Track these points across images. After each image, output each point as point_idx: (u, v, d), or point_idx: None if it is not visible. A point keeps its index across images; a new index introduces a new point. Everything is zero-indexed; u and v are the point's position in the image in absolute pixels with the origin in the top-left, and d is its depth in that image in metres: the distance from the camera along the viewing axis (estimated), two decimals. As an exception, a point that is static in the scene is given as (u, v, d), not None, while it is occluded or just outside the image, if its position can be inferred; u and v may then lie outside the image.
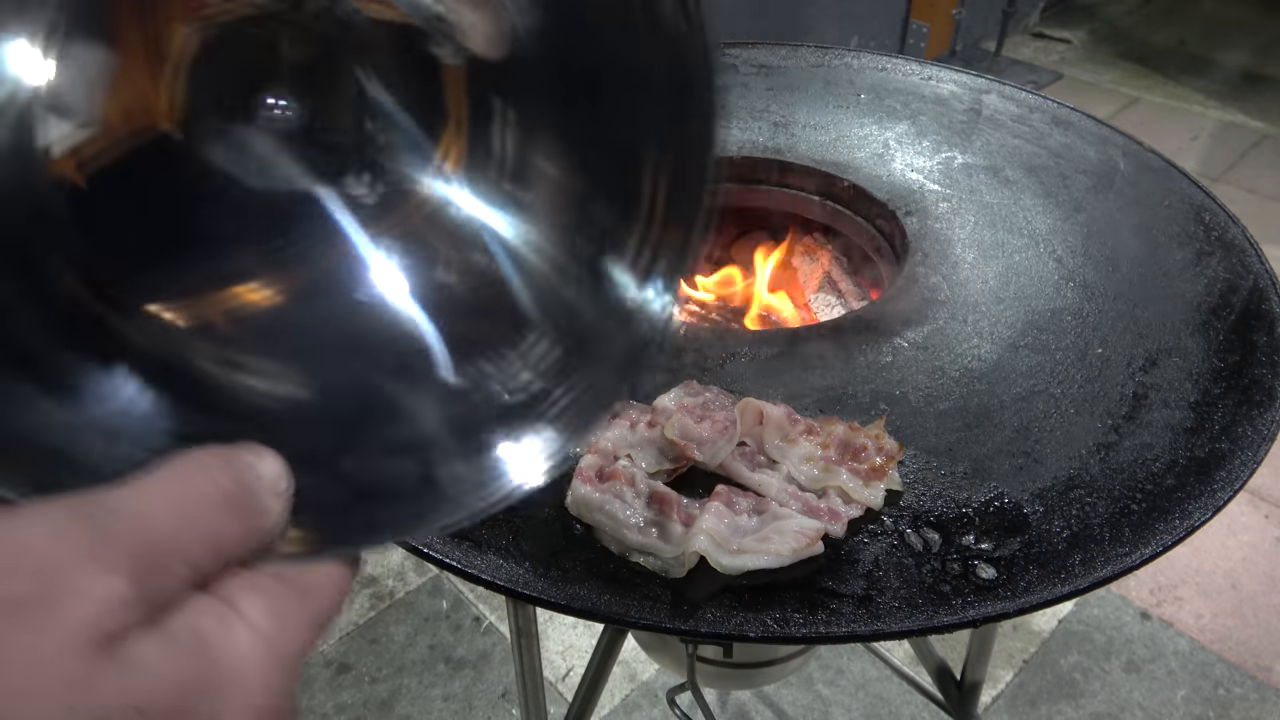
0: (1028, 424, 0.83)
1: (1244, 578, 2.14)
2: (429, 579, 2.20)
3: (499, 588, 0.69)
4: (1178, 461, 0.79)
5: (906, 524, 0.74)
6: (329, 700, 1.94)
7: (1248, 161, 3.83)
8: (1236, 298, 0.97)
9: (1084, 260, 1.05)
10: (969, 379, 0.89)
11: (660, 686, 1.95)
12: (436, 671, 2.00)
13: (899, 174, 1.23)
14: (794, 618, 0.66)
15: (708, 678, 1.22)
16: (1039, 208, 1.14)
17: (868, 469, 0.78)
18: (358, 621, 2.10)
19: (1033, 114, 1.34)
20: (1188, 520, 0.73)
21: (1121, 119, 4.15)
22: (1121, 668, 1.96)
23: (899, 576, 0.69)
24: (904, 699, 1.91)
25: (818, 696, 1.92)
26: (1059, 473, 0.78)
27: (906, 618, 0.66)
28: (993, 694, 1.92)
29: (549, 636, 2.06)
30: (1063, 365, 0.90)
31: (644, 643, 1.35)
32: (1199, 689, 1.91)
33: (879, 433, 0.81)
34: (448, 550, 0.72)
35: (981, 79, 1.43)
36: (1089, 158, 1.23)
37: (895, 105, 1.38)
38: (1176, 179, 1.18)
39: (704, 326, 1.04)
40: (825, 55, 1.52)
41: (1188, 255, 1.05)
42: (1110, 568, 0.69)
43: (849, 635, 0.66)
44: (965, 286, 1.02)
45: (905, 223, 1.13)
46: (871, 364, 0.91)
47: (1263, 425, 0.81)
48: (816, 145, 1.30)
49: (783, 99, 1.41)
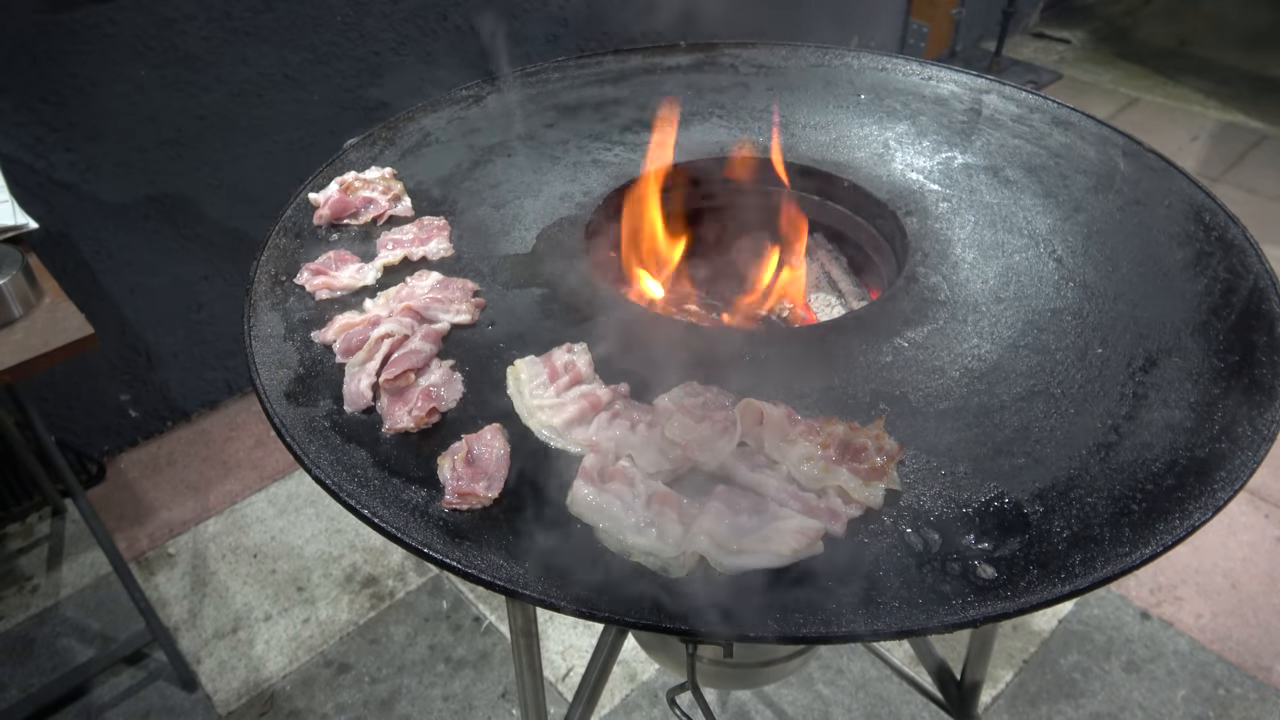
0: (1028, 424, 0.83)
1: (1244, 578, 2.14)
2: (429, 579, 2.20)
3: (499, 588, 0.69)
4: (1178, 461, 0.79)
5: (906, 524, 0.74)
6: (329, 700, 1.94)
7: (1248, 161, 3.83)
8: (1236, 298, 0.97)
9: (1084, 260, 1.05)
10: (969, 379, 0.89)
11: (660, 686, 1.95)
12: (436, 671, 2.00)
13: (899, 174, 1.23)
14: (794, 618, 0.66)
15: (708, 678, 1.22)
16: (1039, 208, 1.14)
17: (868, 469, 0.78)
18: (358, 621, 2.10)
19: (1033, 114, 1.34)
20: (1188, 520, 0.73)
21: (1121, 119, 4.15)
22: (1121, 668, 1.96)
23: (899, 576, 0.69)
24: (904, 699, 1.91)
25: (818, 696, 1.92)
26: (1059, 473, 0.78)
27: (906, 618, 0.66)
28: (993, 694, 1.92)
29: (549, 636, 2.06)
30: (1063, 365, 0.90)
31: (644, 643, 1.35)
32: (1199, 689, 1.91)
33: (879, 433, 0.81)
34: (448, 550, 0.72)
35: (981, 79, 1.43)
36: (1089, 158, 1.23)
37: (895, 105, 1.38)
38: (1176, 179, 1.18)
39: (704, 326, 1.04)
40: (825, 55, 1.52)
41: (1188, 255, 1.05)
42: (1110, 568, 0.69)
43: (849, 635, 0.66)
44: (965, 286, 1.02)
45: (905, 223, 1.13)
46: (871, 364, 0.91)
47: (1263, 425, 0.81)
48: (816, 145, 1.30)
49: (783, 99, 1.41)
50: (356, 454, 0.82)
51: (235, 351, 2.62)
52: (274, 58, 2.28)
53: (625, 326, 0.96)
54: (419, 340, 0.93)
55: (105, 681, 1.98)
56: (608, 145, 1.30)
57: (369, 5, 2.38)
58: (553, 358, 0.90)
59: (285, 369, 0.92)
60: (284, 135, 2.40)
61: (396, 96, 2.55)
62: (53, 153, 2.05)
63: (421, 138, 1.33)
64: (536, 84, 1.47)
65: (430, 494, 0.78)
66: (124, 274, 2.30)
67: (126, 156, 2.17)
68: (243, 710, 1.93)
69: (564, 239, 1.11)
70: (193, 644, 2.06)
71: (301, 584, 2.19)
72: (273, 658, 2.03)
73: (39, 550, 2.29)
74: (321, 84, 2.40)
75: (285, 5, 2.23)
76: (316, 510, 2.38)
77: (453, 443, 0.82)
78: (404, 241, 1.11)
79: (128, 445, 2.56)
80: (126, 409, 2.50)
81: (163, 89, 2.14)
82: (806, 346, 0.94)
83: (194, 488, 2.46)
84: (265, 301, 1.02)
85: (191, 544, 2.30)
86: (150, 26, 2.06)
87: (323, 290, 1.03)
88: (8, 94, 1.94)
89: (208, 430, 2.63)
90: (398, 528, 0.74)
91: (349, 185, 1.18)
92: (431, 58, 2.58)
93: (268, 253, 1.10)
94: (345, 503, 0.77)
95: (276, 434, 0.84)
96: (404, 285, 1.03)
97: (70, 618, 2.11)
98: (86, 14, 1.97)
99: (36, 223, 1.67)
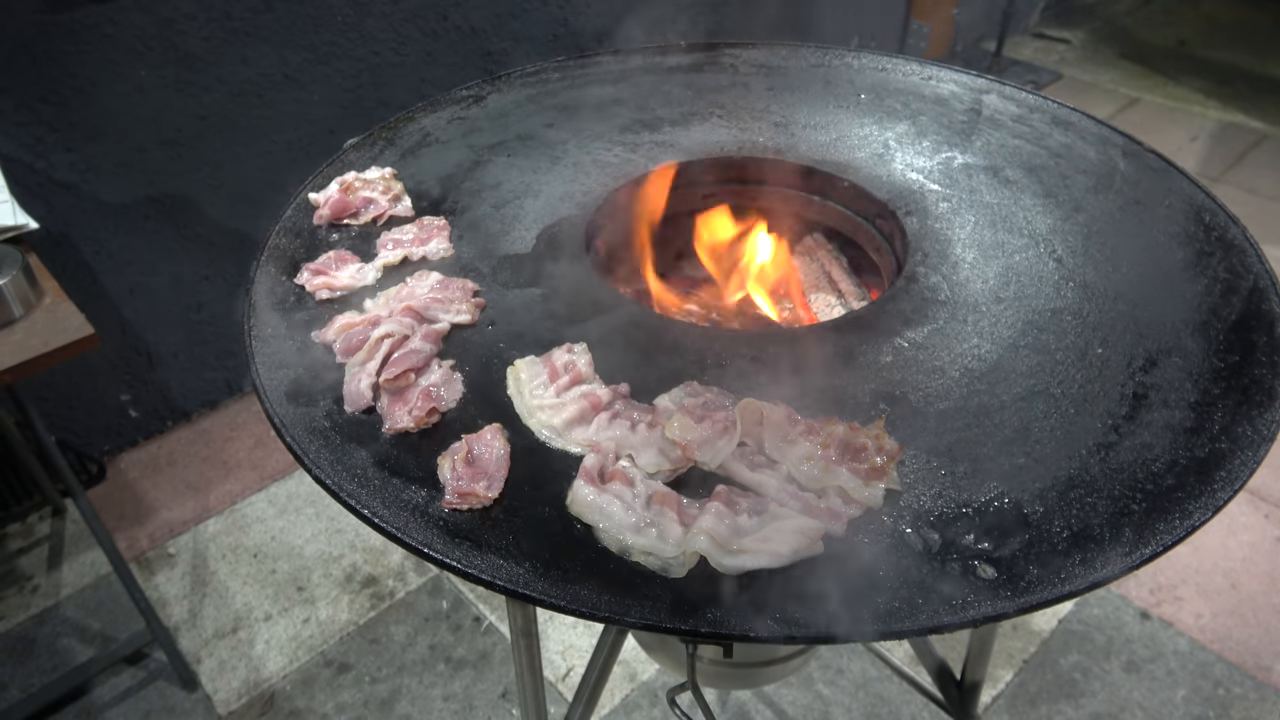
0: (1028, 424, 0.83)
1: (1244, 578, 2.13)
2: (429, 579, 2.20)
3: (499, 588, 0.69)
4: (1178, 461, 0.79)
5: (906, 524, 0.74)
6: (329, 700, 1.94)
7: (1248, 161, 3.83)
8: (1236, 298, 0.97)
9: (1084, 260, 1.05)
10: (969, 379, 0.89)
11: (660, 686, 1.95)
12: (436, 671, 2.00)
13: (899, 174, 1.23)
14: (794, 618, 0.66)
15: (708, 678, 1.22)
16: (1039, 208, 1.14)
17: (868, 469, 0.78)
18: (358, 621, 2.10)
19: (1033, 114, 1.34)
20: (1188, 520, 0.73)
21: (1121, 119, 4.15)
22: (1121, 668, 1.96)
23: (899, 576, 0.69)
24: (904, 699, 1.91)
25: (818, 696, 1.92)
26: (1059, 473, 0.78)
27: (906, 618, 0.66)
28: (993, 694, 1.92)
29: (549, 636, 2.06)
30: (1063, 365, 0.90)
31: (644, 643, 1.35)
32: (1199, 689, 1.91)
33: (879, 433, 0.81)
34: (448, 550, 0.72)
35: (981, 79, 1.43)
36: (1089, 158, 1.23)
37: (895, 105, 1.38)
38: (1176, 179, 1.18)
39: (704, 326, 1.04)
40: (825, 55, 1.52)
41: (1188, 255, 1.05)
42: (1110, 568, 0.69)
43: (849, 635, 0.66)
44: (965, 286, 1.02)
45: (905, 223, 1.13)
46: (871, 364, 0.91)
47: (1263, 425, 0.81)
48: (816, 145, 1.30)
49: (783, 99, 1.41)
50: (356, 454, 0.82)
51: (235, 351, 2.62)
52: (274, 58, 2.28)
53: (625, 326, 0.96)
54: (419, 340, 0.93)
55: (105, 681, 1.98)
56: (608, 145, 1.30)
57: (369, 5, 2.38)
58: (553, 358, 0.90)
59: (285, 369, 0.92)
60: (284, 135, 2.40)
61: (396, 96, 2.55)
62: (53, 153, 2.05)
63: (421, 138, 1.33)
64: (536, 84, 1.47)
65: (430, 494, 0.78)
66: (124, 274, 2.30)
67: (126, 156, 2.17)
68: (243, 710, 1.93)
69: (564, 239, 1.11)
70: (193, 644, 2.06)
71: (301, 584, 2.19)
72: (273, 658, 2.03)
73: (39, 550, 2.29)
74: (321, 84, 2.40)
75: (285, 5, 2.23)
76: (316, 510, 2.38)
77: (453, 443, 0.82)
78: (404, 241, 1.11)
79: (128, 445, 2.56)
80: (126, 409, 2.50)
81: (163, 89, 2.14)
82: (806, 346, 0.94)
83: (194, 488, 2.46)
84: (265, 301, 1.02)
85: (191, 544, 2.30)
86: (150, 26, 2.06)
87: (323, 290, 1.03)
88: (8, 94, 1.94)
89: (208, 430, 2.63)
90: (398, 528, 0.74)
91: (349, 185, 1.18)
92: (431, 58, 2.58)
93: (268, 253, 1.10)
94: (345, 503, 0.77)
95: (276, 434, 0.84)
96: (404, 285, 1.03)
97: (70, 618, 2.11)
98: (86, 14, 1.97)
99: (36, 223, 1.67)
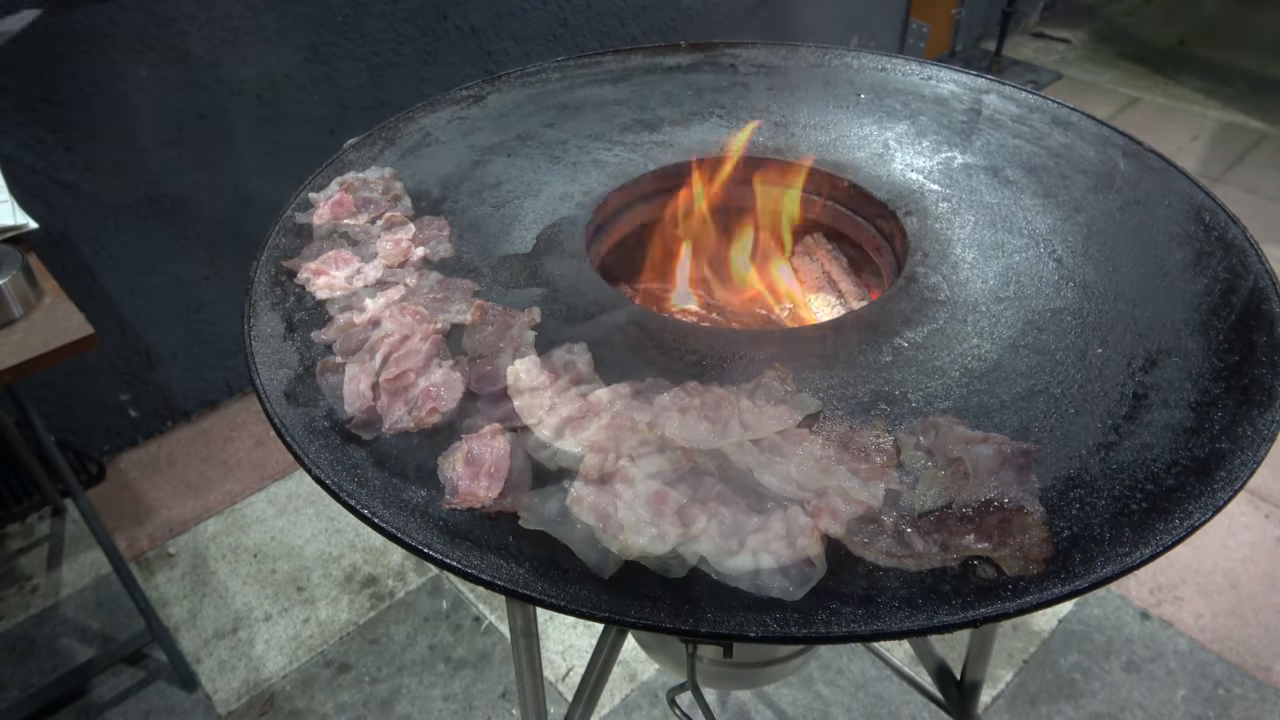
0: (1028, 424, 0.83)
1: (1244, 578, 2.13)
2: (429, 579, 2.20)
3: (499, 588, 0.69)
4: (1178, 461, 0.78)
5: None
6: (329, 700, 1.94)
7: (1248, 161, 3.83)
8: (1236, 298, 0.97)
9: (1084, 260, 1.05)
10: (969, 379, 0.89)
11: (660, 686, 1.95)
12: (436, 671, 2.00)
13: (899, 174, 1.23)
14: (794, 618, 0.66)
15: (708, 678, 1.22)
16: (1039, 208, 1.14)
17: (868, 469, 0.78)
18: (358, 621, 2.10)
19: (1033, 114, 1.34)
20: (1188, 520, 0.73)
21: (1121, 119, 4.15)
22: (1121, 668, 1.96)
23: (899, 576, 0.69)
24: (904, 699, 1.91)
25: (818, 696, 1.92)
26: (1059, 473, 0.78)
27: (906, 618, 0.66)
28: (993, 694, 1.92)
29: (549, 636, 2.06)
30: (1063, 365, 0.90)
31: (644, 643, 1.35)
32: (1199, 689, 1.91)
33: (879, 433, 0.81)
34: (448, 550, 0.72)
35: (981, 79, 1.43)
36: (1089, 158, 1.23)
37: (895, 105, 1.38)
38: (1176, 179, 1.18)
39: (704, 326, 1.04)
40: (825, 55, 1.52)
41: (1188, 255, 1.05)
42: (1110, 568, 0.69)
43: (849, 635, 0.66)
44: (965, 286, 1.02)
45: (905, 223, 1.13)
46: (871, 364, 0.91)
47: (1263, 425, 0.81)
48: (816, 145, 1.30)
49: (783, 99, 1.41)
50: (356, 454, 0.82)
51: (235, 351, 2.62)
52: (274, 58, 2.28)
53: (625, 326, 0.96)
54: (419, 340, 0.93)
55: (105, 681, 1.98)
56: (608, 145, 1.30)
57: (369, 5, 2.38)
58: (553, 358, 0.90)
59: (285, 369, 0.92)
60: (284, 135, 2.40)
61: (396, 96, 2.55)
62: (53, 153, 2.05)
63: (421, 138, 1.33)
64: (536, 84, 1.47)
65: (430, 494, 0.78)
66: (123, 274, 2.30)
67: (126, 156, 2.17)
68: (243, 710, 1.93)
69: (564, 239, 1.11)
70: (193, 644, 2.06)
71: (301, 584, 2.19)
72: (273, 657, 2.03)
73: (39, 550, 2.29)
74: (321, 84, 2.40)
75: (285, 5, 2.23)
76: (316, 510, 2.38)
77: (453, 443, 0.82)
78: (404, 241, 1.11)
79: (128, 445, 2.56)
80: (126, 409, 2.50)
81: (163, 89, 2.14)
82: (806, 346, 0.94)
83: (194, 488, 2.46)
84: (265, 301, 1.02)
85: (191, 544, 2.30)
86: (150, 26, 2.06)
87: (323, 290, 1.03)
88: (8, 94, 1.94)
89: (208, 430, 2.63)
90: (398, 528, 0.74)
91: (349, 185, 1.18)
92: (431, 58, 2.58)
93: (268, 253, 1.10)
94: (345, 503, 0.77)
95: (276, 434, 0.84)
96: (404, 285, 1.03)
97: (70, 618, 2.11)
98: (86, 14, 1.97)
99: (36, 223, 1.67)
